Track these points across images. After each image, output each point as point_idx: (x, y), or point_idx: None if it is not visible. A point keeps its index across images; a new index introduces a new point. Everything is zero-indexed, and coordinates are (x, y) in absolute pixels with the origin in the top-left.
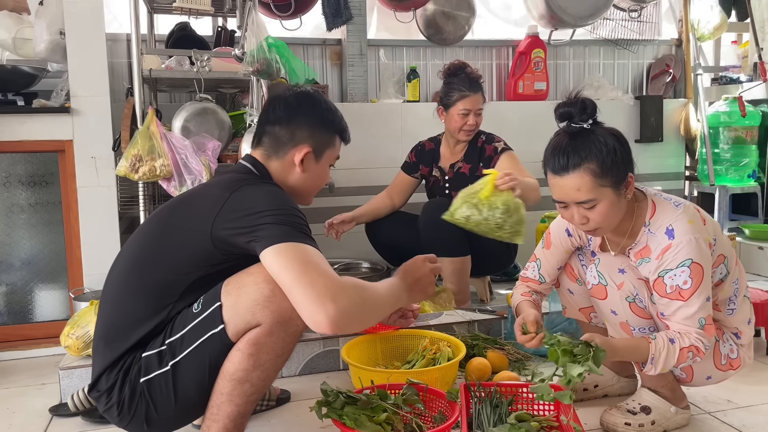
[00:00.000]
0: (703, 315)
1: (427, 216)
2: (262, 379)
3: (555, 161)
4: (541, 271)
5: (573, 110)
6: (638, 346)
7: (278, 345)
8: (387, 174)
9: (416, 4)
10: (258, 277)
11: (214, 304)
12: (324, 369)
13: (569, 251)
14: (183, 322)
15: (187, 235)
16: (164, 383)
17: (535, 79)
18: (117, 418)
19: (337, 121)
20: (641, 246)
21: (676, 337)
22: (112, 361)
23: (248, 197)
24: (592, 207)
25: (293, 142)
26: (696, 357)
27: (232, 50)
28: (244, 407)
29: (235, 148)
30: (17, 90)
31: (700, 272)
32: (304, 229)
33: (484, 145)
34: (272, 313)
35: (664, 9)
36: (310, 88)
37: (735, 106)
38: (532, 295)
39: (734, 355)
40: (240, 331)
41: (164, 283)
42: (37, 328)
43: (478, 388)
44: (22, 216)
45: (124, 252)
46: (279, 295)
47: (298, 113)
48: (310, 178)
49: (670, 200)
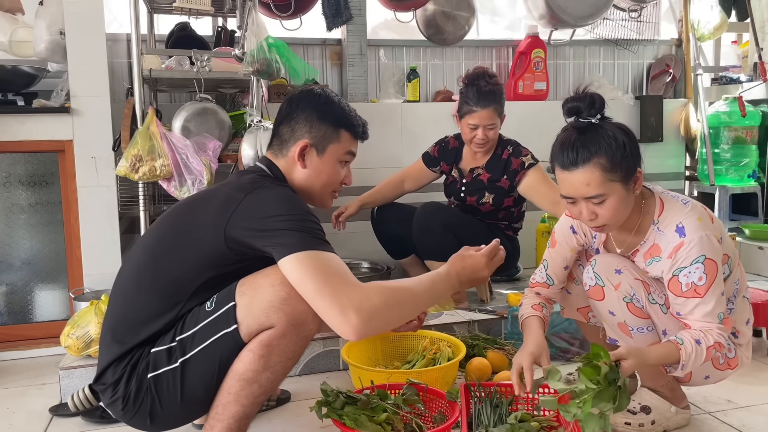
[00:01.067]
0: (720, 310)
1: (420, 222)
2: (270, 381)
3: (564, 156)
4: (549, 272)
5: (581, 105)
6: (669, 353)
7: (289, 348)
8: (387, 174)
9: (416, 4)
10: (274, 279)
11: (228, 303)
12: (324, 369)
13: (574, 249)
14: (195, 320)
15: (201, 234)
16: (172, 380)
17: (535, 79)
18: (121, 411)
19: (339, 114)
20: (649, 245)
21: (701, 337)
22: (120, 354)
23: (263, 200)
24: (602, 202)
25: (294, 138)
26: (718, 353)
27: (232, 50)
28: (249, 408)
29: (236, 148)
30: (17, 90)
31: (714, 268)
32: (320, 234)
33: (511, 158)
34: (286, 316)
35: (664, 9)
36: (319, 87)
37: (735, 106)
38: (542, 308)
39: (732, 354)
40: (253, 331)
41: (176, 281)
42: (37, 328)
43: (478, 388)
44: (22, 216)
45: (137, 249)
46: (294, 298)
47: (298, 109)
48: (315, 174)
49: (677, 198)
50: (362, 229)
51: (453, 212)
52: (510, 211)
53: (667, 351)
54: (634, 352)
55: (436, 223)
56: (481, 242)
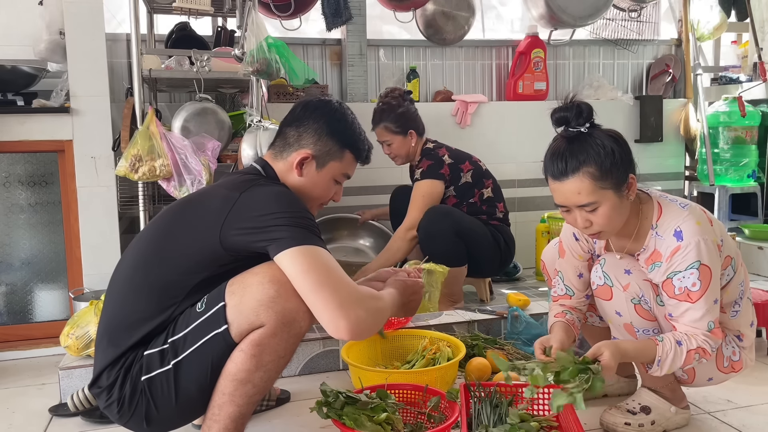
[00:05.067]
0: (711, 318)
1: (427, 228)
2: (264, 380)
3: (554, 166)
4: (566, 283)
5: (569, 115)
6: (646, 348)
7: (281, 346)
8: (387, 174)
9: (416, 4)
10: (263, 277)
11: (218, 303)
12: (324, 369)
13: (582, 257)
14: (186, 321)
15: (195, 234)
16: (165, 382)
17: (535, 79)
18: (117, 415)
19: (348, 135)
20: (650, 251)
21: (683, 339)
22: (114, 358)
23: (258, 197)
24: (594, 210)
25: (298, 144)
26: (702, 359)
27: (232, 50)
28: (245, 408)
29: (235, 148)
30: (17, 90)
31: (709, 274)
32: (316, 230)
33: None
34: (276, 314)
35: (664, 9)
36: (337, 101)
37: (735, 106)
38: (565, 314)
39: (736, 357)
40: (243, 331)
41: (169, 282)
42: (37, 328)
43: (478, 388)
44: (21, 216)
45: (130, 250)
46: (283, 296)
47: (311, 118)
48: (309, 184)
49: (675, 202)
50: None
51: (458, 218)
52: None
53: (644, 346)
54: (610, 345)
55: (441, 229)
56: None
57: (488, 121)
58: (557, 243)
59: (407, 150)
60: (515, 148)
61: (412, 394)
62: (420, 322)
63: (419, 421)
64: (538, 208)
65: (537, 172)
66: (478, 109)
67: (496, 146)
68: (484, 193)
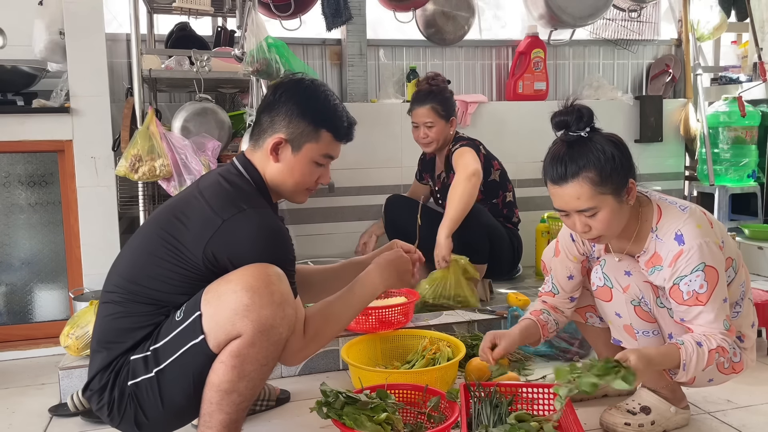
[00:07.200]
0: (724, 317)
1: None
2: (249, 389)
3: (554, 171)
4: (554, 282)
5: (569, 119)
6: (669, 352)
7: (261, 354)
8: (387, 174)
9: (416, 4)
10: (236, 285)
11: (194, 313)
12: (324, 369)
13: (577, 258)
14: (167, 330)
15: (180, 250)
16: (150, 388)
17: (535, 79)
18: (108, 418)
19: (322, 113)
20: (650, 254)
21: (703, 340)
22: (107, 362)
23: (241, 235)
24: (594, 215)
25: (271, 129)
26: (722, 357)
27: (232, 50)
28: (235, 414)
29: (235, 148)
30: (17, 90)
31: (715, 275)
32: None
33: (452, 154)
34: (252, 323)
35: (664, 9)
36: (310, 78)
37: (735, 106)
38: (540, 312)
39: (737, 358)
40: (221, 342)
41: (159, 291)
42: (37, 328)
43: (478, 388)
44: (21, 216)
45: (123, 255)
46: (257, 303)
47: (280, 100)
48: (287, 170)
49: (675, 204)
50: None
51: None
52: (493, 204)
53: (667, 351)
54: (635, 351)
55: (476, 224)
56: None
57: (488, 121)
58: None
59: (445, 136)
60: (515, 148)
61: (412, 394)
62: (420, 322)
63: (419, 421)
64: (538, 208)
65: (537, 172)
66: (478, 109)
67: (495, 146)
68: (507, 197)
